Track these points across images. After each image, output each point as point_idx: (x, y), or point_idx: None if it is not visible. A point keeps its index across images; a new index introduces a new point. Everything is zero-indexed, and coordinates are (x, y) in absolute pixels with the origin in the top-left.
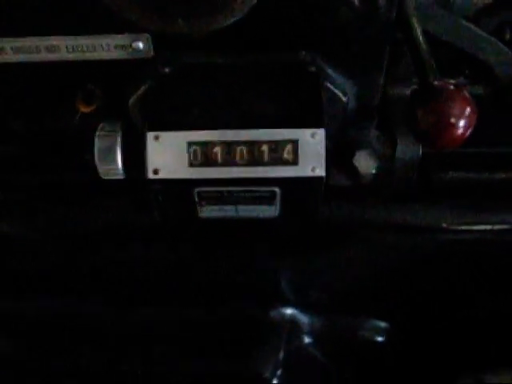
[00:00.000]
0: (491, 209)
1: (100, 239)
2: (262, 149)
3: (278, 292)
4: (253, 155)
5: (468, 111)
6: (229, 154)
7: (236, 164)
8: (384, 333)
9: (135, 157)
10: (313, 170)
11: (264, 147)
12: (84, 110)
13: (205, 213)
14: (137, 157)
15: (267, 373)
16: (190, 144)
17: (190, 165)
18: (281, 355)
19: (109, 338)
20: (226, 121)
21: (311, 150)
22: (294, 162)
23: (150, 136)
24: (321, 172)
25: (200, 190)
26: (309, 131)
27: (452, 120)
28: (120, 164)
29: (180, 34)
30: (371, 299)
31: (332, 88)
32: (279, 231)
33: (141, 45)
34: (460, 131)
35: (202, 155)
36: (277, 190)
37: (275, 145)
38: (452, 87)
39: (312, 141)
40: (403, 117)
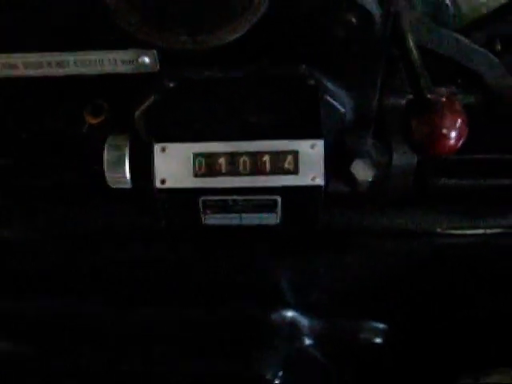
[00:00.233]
0: (484, 213)
1: (100, 239)
2: (264, 159)
3: (279, 294)
4: (255, 165)
5: (459, 123)
6: (232, 165)
7: (239, 174)
8: (384, 334)
9: (142, 167)
10: (313, 179)
11: (266, 157)
12: (92, 122)
13: (209, 220)
14: (144, 167)
15: (268, 373)
16: (196, 155)
17: (196, 175)
18: (281, 356)
19: (109, 338)
20: (230, 133)
21: (311, 160)
22: (295, 172)
23: (157, 147)
24: (320, 181)
25: (205, 199)
26: (308, 142)
27: (444, 131)
28: (128, 174)
29: (184, 50)
30: (370, 301)
31: (330, 100)
32: (280, 236)
33: (147, 60)
34: (452, 141)
35: (207, 165)
36: (278, 199)
37: (276, 155)
38: (445, 100)
39: (312, 151)
40: (399, 126)
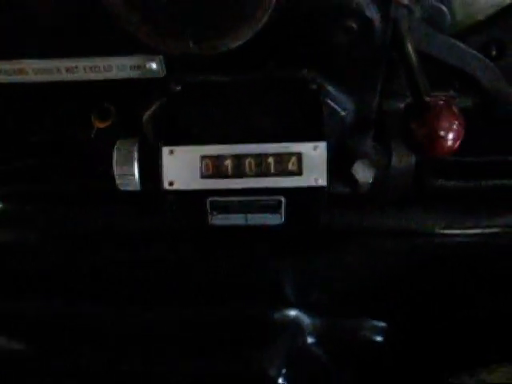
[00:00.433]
0: (481, 213)
1: (100, 239)
2: (269, 161)
3: (281, 293)
4: (260, 167)
5: (456, 125)
6: (238, 167)
7: (245, 175)
8: (384, 333)
9: (151, 170)
10: (316, 181)
11: (270, 159)
12: (100, 126)
13: (215, 221)
14: (153, 170)
15: (270, 372)
16: (203, 157)
17: (203, 176)
18: (283, 355)
19: (109, 338)
20: (235, 135)
21: (314, 162)
22: (299, 173)
23: (165, 150)
24: (323, 182)
25: (212, 200)
26: (311, 144)
27: (441, 133)
28: (137, 177)
29: (190, 56)
30: (371, 301)
31: (332, 104)
32: (282, 236)
33: (154, 65)
34: (449, 143)
35: (214, 167)
36: (282, 199)
37: (281, 157)
38: (442, 103)
39: (314, 153)
40: (398, 129)
